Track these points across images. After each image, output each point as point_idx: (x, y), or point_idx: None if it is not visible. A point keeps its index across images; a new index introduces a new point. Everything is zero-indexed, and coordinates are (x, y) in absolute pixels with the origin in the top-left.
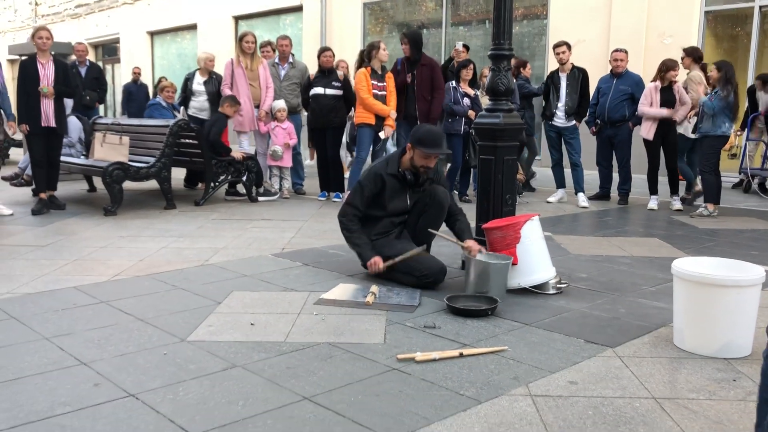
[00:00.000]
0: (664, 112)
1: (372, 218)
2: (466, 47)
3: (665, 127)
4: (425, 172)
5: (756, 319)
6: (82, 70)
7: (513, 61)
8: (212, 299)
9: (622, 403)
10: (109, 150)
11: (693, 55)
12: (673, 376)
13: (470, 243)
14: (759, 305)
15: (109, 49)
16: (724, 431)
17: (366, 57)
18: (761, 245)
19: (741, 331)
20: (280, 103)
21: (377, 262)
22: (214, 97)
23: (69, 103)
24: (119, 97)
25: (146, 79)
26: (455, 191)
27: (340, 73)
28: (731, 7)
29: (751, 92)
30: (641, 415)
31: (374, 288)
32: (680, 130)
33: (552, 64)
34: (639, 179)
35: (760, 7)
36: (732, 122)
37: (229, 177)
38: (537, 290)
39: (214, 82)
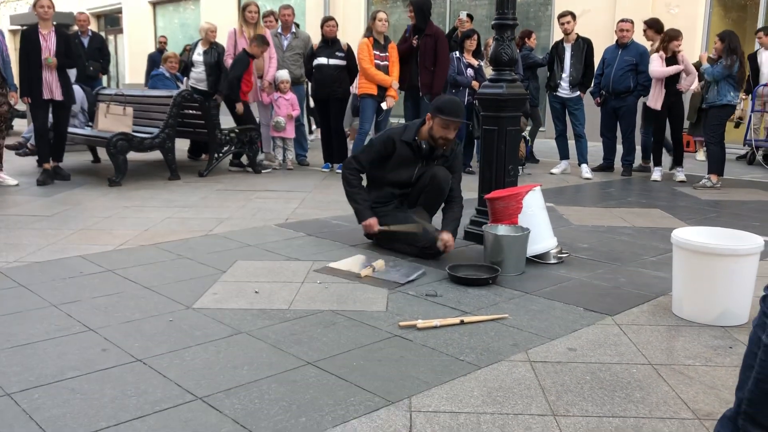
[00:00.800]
0: (673, 69)
1: (374, 184)
2: (470, 17)
3: (672, 97)
4: (444, 144)
5: (753, 288)
6: (85, 41)
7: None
8: (217, 268)
9: (619, 369)
10: (113, 120)
11: (654, 26)
12: (671, 343)
13: (444, 235)
14: (757, 275)
15: (112, 20)
16: (718, 396)
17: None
18: (763, 216)
19: (738, 299)
20: (284, 74)
21: (372, 225)
22: (211, 68)
23: (73, 72)
24: (122, 68)
25: (150, 49)
26: None
27: (343, 42)
28: None
29: (753, 58)
30: (638, 381)
31: (378, 263)
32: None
33: (558, 34)
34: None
35: None
36: (737, 92)
37: (233, 148)
38: (538, 260)
39: (213, 53)
